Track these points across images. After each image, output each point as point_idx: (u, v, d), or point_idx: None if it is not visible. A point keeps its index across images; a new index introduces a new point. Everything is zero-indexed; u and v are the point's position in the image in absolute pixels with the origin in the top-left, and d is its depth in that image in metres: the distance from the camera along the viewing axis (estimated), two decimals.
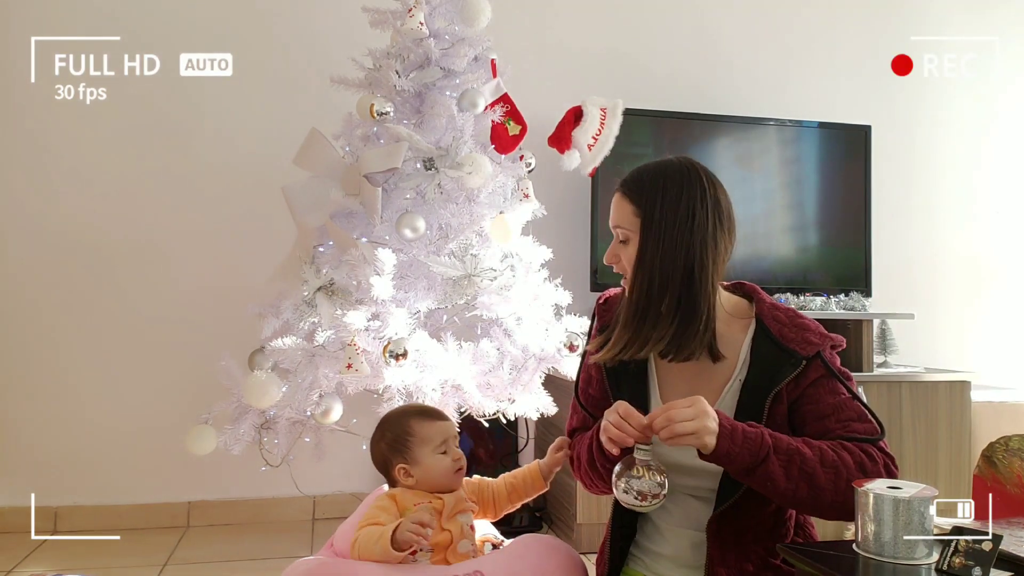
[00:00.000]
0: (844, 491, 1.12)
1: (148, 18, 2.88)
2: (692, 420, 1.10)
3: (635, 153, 2.98)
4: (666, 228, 1.24)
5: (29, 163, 2.83)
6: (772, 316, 1.29)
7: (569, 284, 2.39)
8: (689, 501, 1.30)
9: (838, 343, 1.28)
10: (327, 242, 2.28)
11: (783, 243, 3.18)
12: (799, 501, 1.15)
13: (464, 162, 2.16)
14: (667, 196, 1.24)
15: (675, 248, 1.23)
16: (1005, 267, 3.68)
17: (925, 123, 3.61)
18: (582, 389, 1.44)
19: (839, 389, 1.23)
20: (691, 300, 1.24)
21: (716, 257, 1.25)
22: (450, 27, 2.33)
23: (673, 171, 1.27)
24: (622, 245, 1.30)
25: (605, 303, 1.43)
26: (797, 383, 1.24)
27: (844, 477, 1.13)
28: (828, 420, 1.21)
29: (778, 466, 1.12)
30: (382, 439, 1.45)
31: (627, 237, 1.29)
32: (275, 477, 2.59)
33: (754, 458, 1.12)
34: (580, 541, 2.54)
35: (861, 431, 1.19)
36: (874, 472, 1.15)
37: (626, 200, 1.29)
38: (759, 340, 1.28)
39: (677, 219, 1.24)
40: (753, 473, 1.13)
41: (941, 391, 2.88)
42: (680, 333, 1.24)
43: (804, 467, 1.13)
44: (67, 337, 2.83)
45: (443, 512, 1.38)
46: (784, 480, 1.12)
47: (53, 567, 2.35)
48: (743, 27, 3.43)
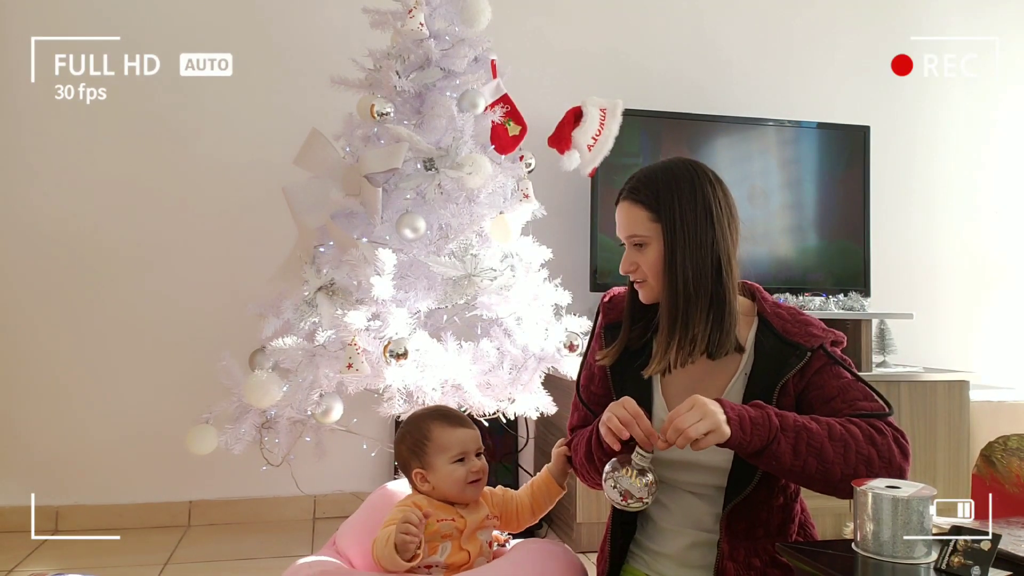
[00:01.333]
0: (855, 464, 1.12)
1: (148, 18, 2.88)
2: (701, 421, 1.11)
3: (636, 153, 2.98)
4: (690, 228, 1.25)
5: (29, 163, 2.83)
6: (775, 313, 1.31)
7: (569, 284, 2.39)
8: (689, 499, 1.31)
9: (839, 339, 1.29)
10: (327, 242, 2.28)
11: (782, 243, 3.18)
12: (809, 477, 1.14)
13: (464, 162, 2.16)
14: (683, 197, 1.26)
15: (702, 246, 1.25)
16: (1004, 267, 3.69)
17: (925, 123, 3.61)
18: (583, 386, 1.43)
19: (843, 374, 1.24)
20: (722, 295, 1.26)
21: (734, 249, 1.28)
22: (450, 28, 2.33)
23: (681, 171, 1.29)
24: (638, 252, 1.29)
25: (610, 301, 1.43)
26: (802, 374, 1.25)
27: (853, 450, 1.13)
28: (834, 402, 1.22)
29: (786, 444, 1.12)
30: (403, 440, 1.40)
31: (645, 243, 1.28)
32: (276, 476, 2.59)
33: (764, 440, 1.13)
34: (580, 541, 2.54)
35: (868, 408, 1.20)
36: (883, 445, 1.14)
37: (639, 207, 1.28)
38: (763, 335, 1.29)
39: (698, 218, 1.25)
40: (761, 455, 1.14)
41: (940, 391, 2.88)
42: (717, 330, 1.26)
43: (811, 442, 1.13)
44: (67, 337, 2.83)
45: (463, 532, 1.35)
46: (791, 457, 1.12)
47: (53, 567, 2.35)
48: (743, 28, 3.43)
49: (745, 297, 1.36)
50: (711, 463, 1.26)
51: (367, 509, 1.59)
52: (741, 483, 1.23)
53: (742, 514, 1.24)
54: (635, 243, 1.30)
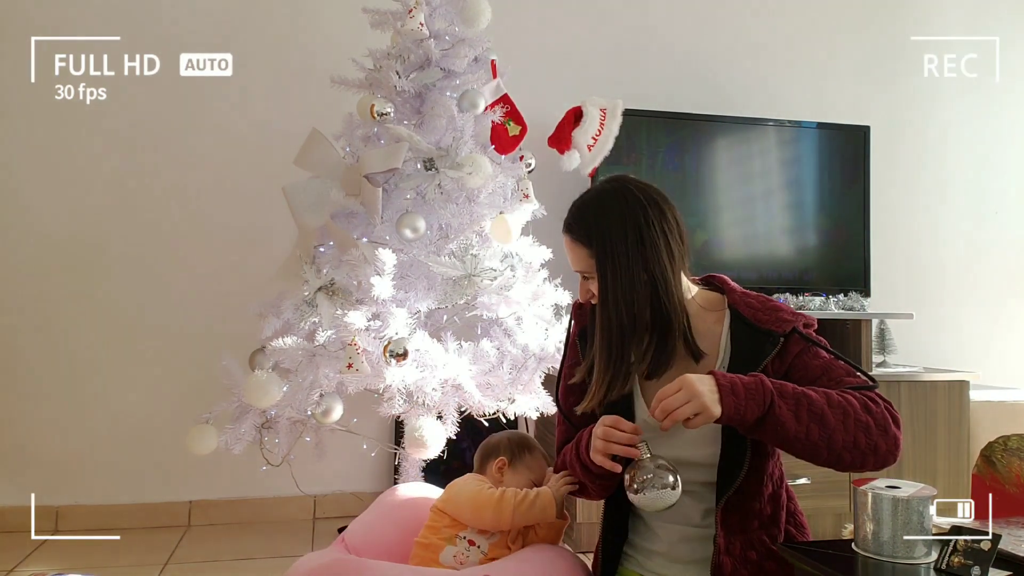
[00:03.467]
0: (854, 431, 1.12)
1: (148, 18, 2.88)
2: (689, 402, 1.10)
3: (636, 153, 2.98)
4: (619, 257, 1.25)
5: (29, 163, 2.83)
6: (744, 303, 1.31)
7: (569, 284, 2.38)
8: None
9: (810, 322, 1.30)
10: (327, 242, 2.28)
11: (782, 243, 3.18)
12: (813, 444, 1.12)
13: (464, 162, 2.16)
14: (613, 227, 1.26)
15: (632, 272, 1.25)
16: (1004, 267, 3.69)
17: (925, 123, 3.61)
18: (563, 398, 1.43)
19: (821, 354, 1.25)
20: (664, 315, 1.26)
21: (674, 265, 1.28)
22: (450, 28, 2.33)
23: (609, 198, 1.29)
24: (590, 282, 1.32)
25: (581, 307, 1.43)
26: (781, 360, 1.25)
27: (852, 417, 1.13)
28: (820, 380, 1.22)
29: (787, 410, 1.11)
30: (509, 437, 1.55)
31: (590, 276, 1.31)
32: (276, 476, 2.59)
33: (761, 407, 1.11)
34: (580, 541, 2.54)
35: (855, 383, 1.20)
36: (878, 413, 1.14)
37: (576, 244, 1.31)
38: (736, 327, 1.30)
39: (628, 246, 1.25)
40: (764, 424, 1.12)
41: (940, 391, 2.88)
42: (660, 351, 1.27)
43: (812, 408, 1.12)
44: (67, 337, 2.83)
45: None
46: (795, 423, 1.11)
47: (53, 567, 2.34)
48: (743, 27, 3.43)
49: (714, 291, 1.37)
50: (697, 460, 1.26)
51: (379, 509, 1.59)
52: (731, 475, 1.23)
53: (736, 506, 1.25)
54: (584, 276, 1.32)
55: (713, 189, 3.06)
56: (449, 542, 1.40)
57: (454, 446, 2.17)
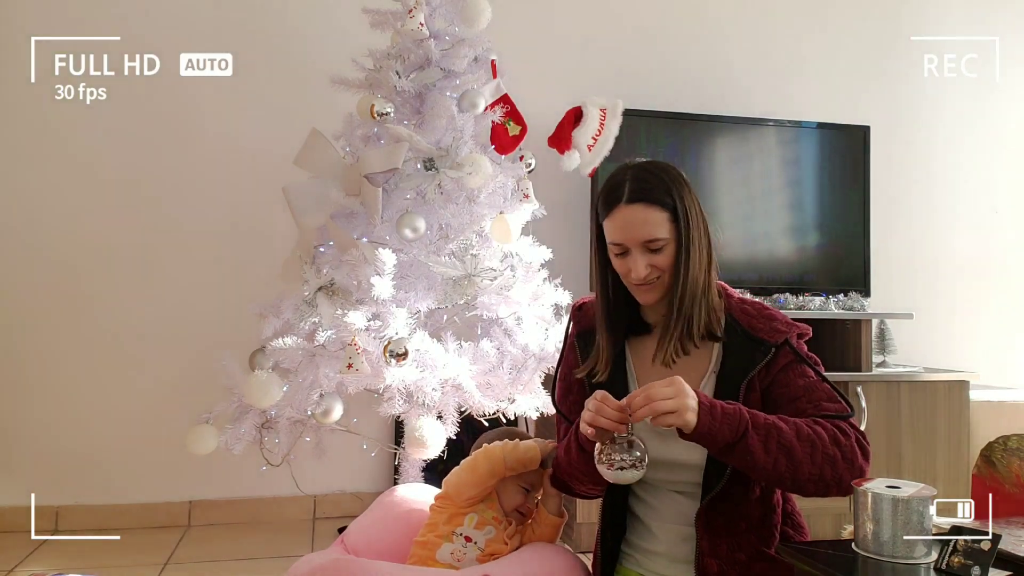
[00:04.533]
0: (820, 464, 1.14)
1: (148, 18, 2.87)
2: (672, 398, 1.10)
3: (635, 154, 2.98)
4: (700, 222, 1.28)
5: (29, 163, 2.83)
6: (741, 309, 1.32)
7: (569, 284, 2.39)
8: (674, 497, 1.32)
9: (804, 332, 1.31)
10: (327, 242, 2.28)
11: (782, 243, 3.18)
12: (779, 475, 1.15)
13: (464, 162, 2.17)
14: (686, 194, 1.27)
15: (703, 241, 1.28)
16: (1004, 267, 3.69)
17: (925, 123, 3.61)
18: (561, 399, 1.42)
19: (808, 372, 1.26)
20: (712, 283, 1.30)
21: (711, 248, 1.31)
22: (450, 28, 2.33)
23: (672, 169, 1.30)
24: (654, 255, 1.26)
25: (581, 309, 1.42)
26: (768, 370, 1.26)
27: (820, 450, 1.14)
28: (800, 401, 1.23)
29: (757, 441, 1.13)
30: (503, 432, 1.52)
31: (663, 245, 1.25)
32: (276, 476, 2.59)
33: (734, 434, 1.12)
34: (580, 541, 2.54)
35: (832, 410, 1.21)
36: (847, 446, 1.16)
37: (656, 208, 1.24)
38: (730, 333, 1.30)
39: (699, 214, 1.28)
40: (733, 450, 1.14)
41: (940, 391, 2.88)
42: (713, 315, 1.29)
43: (782, 441, 1.14)
44: (67, 337, 2.83)
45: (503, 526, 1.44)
46: (763, 454, 1.13)
47: (53, 567, 2.35)
48: (743, 27, 3.43)
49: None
50: (688, 461, 1.27)
51: (379, 509, 1.59)
52: (714, 479, 1.24)
53: (719, 509, 1.25)
54: (653, 248, 1.25)
55: (713, 189, 3.06)
56: (446, 539, 1.40)
57: (454, 446, 2.17)
